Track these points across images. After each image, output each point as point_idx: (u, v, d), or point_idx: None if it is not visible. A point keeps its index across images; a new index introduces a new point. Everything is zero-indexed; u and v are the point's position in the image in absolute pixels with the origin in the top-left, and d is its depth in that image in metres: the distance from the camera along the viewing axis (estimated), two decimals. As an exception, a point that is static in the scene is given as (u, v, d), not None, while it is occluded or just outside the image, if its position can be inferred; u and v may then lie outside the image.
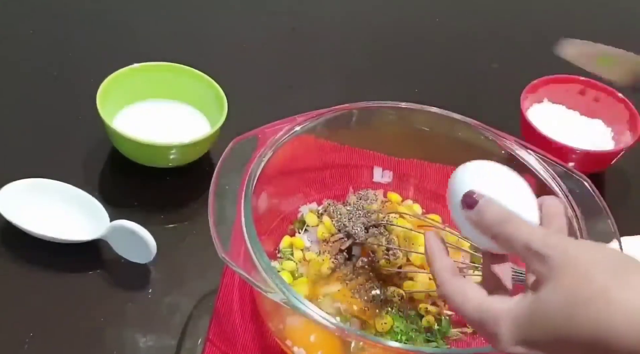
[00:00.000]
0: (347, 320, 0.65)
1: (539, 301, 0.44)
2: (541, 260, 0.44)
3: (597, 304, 0.41)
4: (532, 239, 0.45)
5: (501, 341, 0.45)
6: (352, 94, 0.75)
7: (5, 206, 0.71)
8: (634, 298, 0.41)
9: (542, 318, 0.43)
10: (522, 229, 0.46)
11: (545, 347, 0.44)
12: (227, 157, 0.64)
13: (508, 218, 0.47)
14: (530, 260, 0.45)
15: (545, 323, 0.43)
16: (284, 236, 0.73)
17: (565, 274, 0.43)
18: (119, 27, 1.01)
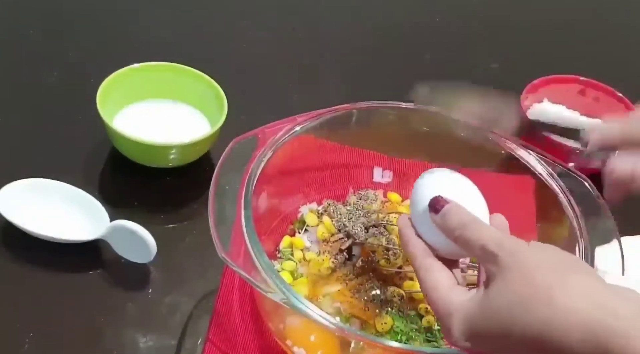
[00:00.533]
0: (347, 320, 0.65)
1: (487, 299, 0.46)
2: (493, 259, 0.46)
3: (539, 303, 0.43)
4: (488, 241, 0.47)
5: (453, 336, 0.47)
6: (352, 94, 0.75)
7: (5, 206, 0.71)
8: (573, 298, 0.42)
9: (488, 314, 0.45)
10: (481, 231, 0.49)
11: (490, 343, 0.46)
12: (227, 157, 0.64)
13: (470, 221, 0.50)
14: (484, 260, 0.47)
15: (491, 320, 0.45)
16: (284, 236, 0.73)
17: (512, 274, 0.45)
18: (119, 27, 1.01)
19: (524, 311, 0.43)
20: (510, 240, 0.48)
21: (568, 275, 0.44)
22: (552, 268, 0.45)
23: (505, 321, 0.44)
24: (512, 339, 0.44)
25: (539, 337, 0.43)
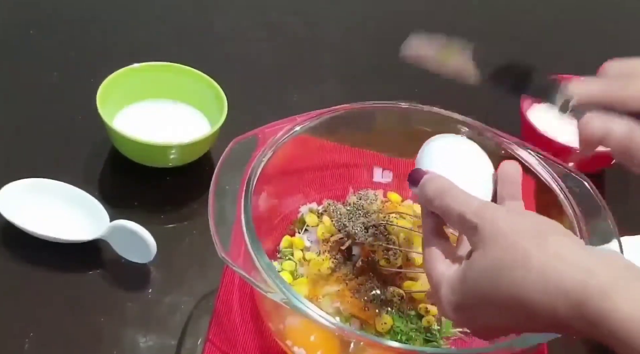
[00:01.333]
0: (347, 320, 0.65)
1: (469, 268, 0.46)
2: (473, 229, 0.46)
3: (517, 266, 0.43)
4: (466, 210, 0.47)
5: (443, 308, 0.48)
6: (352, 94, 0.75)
7: (5, 206, 0.71)
8: (550, 259, 0.43)
9: (470, 284, 0.46)
10: (459, 199, 0.49)
11: (473, 313, 0.46)
12: (227, 157, 0.64)
13: (447, 189, 0.50)
14: (465, 230, 0.48)
15: (473, 288, 0.46)
16: (284, 236, 0.73)
17: (493, 242, 0.45)
18: (119, 27, 1.01)
19: (503, 275, 0.44)
20: (489, 207, 0.48)
21: (546, 237, 0.44)
22: (531, 233, 0.45)
23: (486, 288, 0.45)
24: (493, 306, 0.45)
25: (519, 300, 0.43)
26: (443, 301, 0.48)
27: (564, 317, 0.42)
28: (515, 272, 0.43)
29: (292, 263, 0.70)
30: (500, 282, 0.44)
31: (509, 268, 0.44)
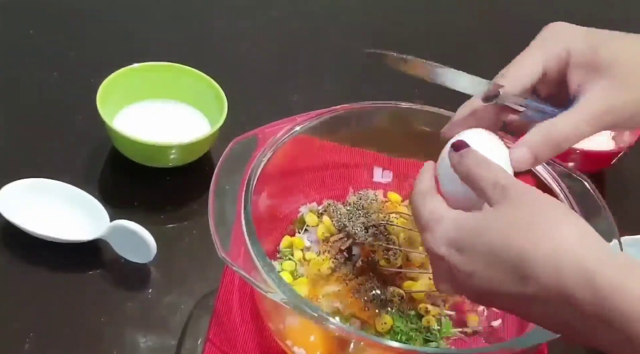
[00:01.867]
0: (347, 320, 0.65)
1: (484, 218, 0.47)
2: (501, 191, 0.48)
3: (540, 233, 0.44)
4: (501, 178, 0.49)
5: (434, 239, 0.48)
6: (352, 94, 0.75)
7: (5, 206, 0.71)
8: (571, 232, 0.44)
9: (481, 229, 0.46)
10: (497, 171, 0.50)
11: (469, 257, 0.46)
12: (227, 157, 0.64)
13: (485, 161, 0.51)
14: (493, 191, 0.48)
15: (484, 236, 0.46)
16: (284, 236, 0.73)
17: (519, 204, 0.46)
18: (119, 27, 1.01)
19: (521, 236, 0.44)
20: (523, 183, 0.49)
21: (572, 213, 0.46)
22: (558, 211, 0.46)
23: (497, 241, 0.45)
24: (493, 255, 0.45)
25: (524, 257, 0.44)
26: (439, 233, 0.48)
27: (568, 283, 0.42)
28: (538, 238, 0.44)
29: (292, 263, 0.70)
30: (516, 241, 0.44)
31: (531, 232, 0.44)
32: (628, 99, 0.53)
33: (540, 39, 0.57)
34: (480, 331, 0.69)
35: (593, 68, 0.54)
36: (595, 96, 0.53)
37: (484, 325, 0.69)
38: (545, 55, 0.55)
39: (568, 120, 0.53)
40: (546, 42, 0.56)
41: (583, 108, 0.53)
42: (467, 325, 0.69)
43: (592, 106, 0.53)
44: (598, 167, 0.87)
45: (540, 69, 0.55)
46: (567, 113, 0.53)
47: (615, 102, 0.53)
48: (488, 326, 0.69)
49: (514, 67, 0.56)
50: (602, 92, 0.53)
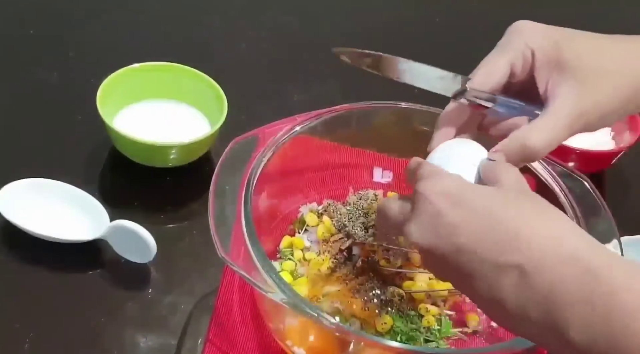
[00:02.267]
0: (347, 320, 0.65)
1: (491, 190, 0.48)
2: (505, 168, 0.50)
3: (541, 210, 0.46)
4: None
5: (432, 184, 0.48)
6: (352, 94, 0.75)
7: (5, 206, 0.71)
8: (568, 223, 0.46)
9: (486, 195, 0.47)
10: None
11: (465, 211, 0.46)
12: (227, 157, 0.64)
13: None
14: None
15: (486, 198, 0.46)
16: (284, 236, 0.73)
17: (525, 192, 0.49)
18: (119, 27, 1.01)
19: (525, 215, 0.45)
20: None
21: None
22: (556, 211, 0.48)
23: (499, 210, 0.45)
24: (491, 224, 0.45)
25: (524, 237, 0.44)
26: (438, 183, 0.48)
27: (568, 250, 0.43)
28: (539, 211, 0.46)
29: (292, 263, 0.70)
30: (516, 213, 0.45)
31: (532, 209, 0.46)
32: (596, 100, 0.54)
33: (506, 39, 0.57)
34: (480, 331, 0.69)
35: (558, 68, 0.54)
36: (566, 101, 0.54)
37: (484, 325, 0.69)
38: (511, 55, 0.56)
39: (543, 129, 0.53)
40: (511, 41, 0.56)
41: (556, 115, 0.53)
42: (467, 325, 0.69)
43: (565, 111, 0.53)
44: (598, 167, 0.87)
45: (508, 69, 0.56)
46: (541, 121, 0.54)
47: (586, 105, 0.54)
48: (488, 326, 0.69)
49: (481, 69, 0.57)
50: (572, 95, 0.54)
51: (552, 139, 0.53)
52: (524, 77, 0.57)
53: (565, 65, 0.54)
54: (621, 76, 0.55)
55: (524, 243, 0.44)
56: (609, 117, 0.55)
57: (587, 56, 0.54)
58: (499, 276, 0.44)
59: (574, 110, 0.53)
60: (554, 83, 0.54)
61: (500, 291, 0.44)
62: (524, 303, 0.43)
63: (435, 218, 0.47)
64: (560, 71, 0.54)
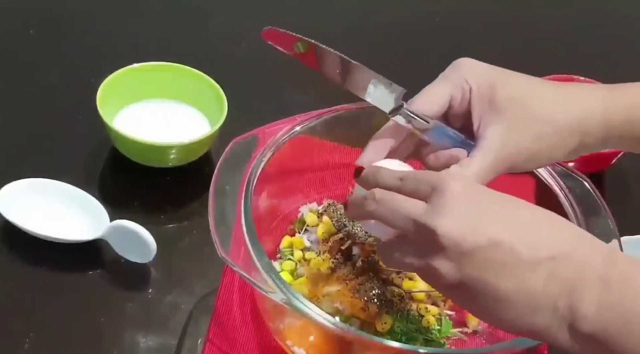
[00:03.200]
0: (347, 320, 0.65)
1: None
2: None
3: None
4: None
5: (448, 177, 0.48)
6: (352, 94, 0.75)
7: (5, 206, 0.71)
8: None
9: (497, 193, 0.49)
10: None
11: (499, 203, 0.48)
12: (227, 157, 0.64)
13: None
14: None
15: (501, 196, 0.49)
16: (284, 236, 0.73)
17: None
18: (119, 27, 1.01)
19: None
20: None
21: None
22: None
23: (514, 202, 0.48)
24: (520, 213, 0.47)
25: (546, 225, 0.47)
26: (463, 182, 0.48)
27: (589, 240, 0.47)
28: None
29: (292, 263, 0.70)
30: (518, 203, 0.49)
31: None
32: (521, 145, 0.56)
33: (448, 71, 0.59)
34: (480, 331, 0.69)
35: (490, 108, 0.56)
36: (492, 144, 0.56)
37: (484, 325, 0.69)
38: (450, 86, 0.58)
39: (471, 170, 0.55)
40: (453, 74, 0.58)
41: (483, 157, 0.56)
42: (467, 325, 0.69)
43: (490, 155, 0.56)
44: (598, 167, 0.87)
45: (447, 99, 0.57)
46: (470, 161, 0.56)
47: (510, 149, 0.56)
48: (488, 326, 0.69)
49: (422, 96, 0.58)
50: (498, 139, 0.56)
51: (478, 179, 0.55)
52: (461, 111, 0.58)
53: (497, 106, 0.56)
54: (547, 123, 0.56)
55: (552, 237, 0.46)
56: (535, 160, 0.58)
57: (518, 100, 0.56)
58: (533, 269, 0.45)
59: (498, 154, 0.56)
60: (484, 123, 0.57)
61: (530, 283, 0.45)
62: (551, 292, 0.45)
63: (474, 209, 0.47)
64: (491, 112, 0.56)
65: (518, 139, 0.56)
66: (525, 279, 0.45)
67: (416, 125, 0.57)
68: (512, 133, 0.56)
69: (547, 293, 0.45)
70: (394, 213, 0.49)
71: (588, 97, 0.58)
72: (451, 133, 0.58)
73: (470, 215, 0.46)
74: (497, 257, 0.45)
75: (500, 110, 0.56)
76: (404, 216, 0.48)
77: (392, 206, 0.49)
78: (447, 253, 0.46)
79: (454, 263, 0.46)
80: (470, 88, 0.57)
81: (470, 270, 0.46)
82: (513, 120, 0.56)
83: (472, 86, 0.57)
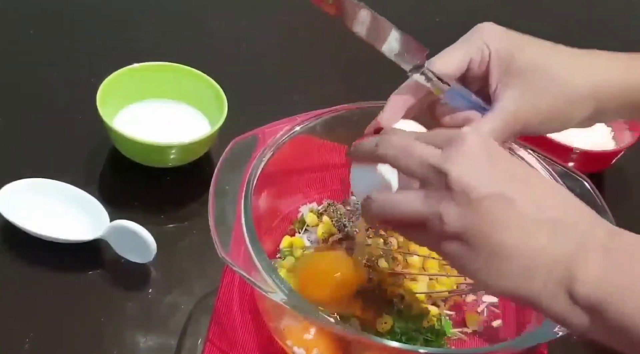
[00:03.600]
0: (347, 320, 0.65)
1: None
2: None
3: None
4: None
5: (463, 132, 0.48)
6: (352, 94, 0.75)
7: (5, 206, 0.71)
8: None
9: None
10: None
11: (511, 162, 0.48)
12: (227, 157, 0.64)
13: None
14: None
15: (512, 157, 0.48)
16: (284, 236, 0.73)
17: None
18: (119, 27, 1.01)
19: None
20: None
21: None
22: None
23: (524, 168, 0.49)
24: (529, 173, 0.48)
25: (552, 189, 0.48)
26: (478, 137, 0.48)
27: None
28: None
29: (291, 258, 0.70)
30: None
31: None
32: (536, 107, 0.57)
33: (468, 35, 0.60)
34: (480, 331, 0.69)
35: (509, 70, 0.57)
36: (507, 105, 0.57)
37: (484, 325, 0.69)
38: (470, 49, 0.59)
39: (485, 127, 0.56)
40: (472, 38, 0.59)
41: (497, 116, 0.57)
42: (467, 325, 0.69)
43: (504, 114, 0.56)
44: (598, 167, 0.87)
45: (466, 61, 0.58)
46: (484, 119, 0.57)
47: (525, 111, 0.57)
48: (488, 326, 0.69)
49: (441, 56, 0.59)
50: (514, 100, 0.57)
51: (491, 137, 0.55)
52: (479, 74, 0.59)
53: (515, 69, 0.57)
54: (564, 88, 0.57)
55: (559, 203, 0.46)
56: (549, 124, 0.58)
57: (537, 64, 0.57)
58: (537, 228, 0.45)
59: (512, 114, 0.57)
60: (501, 85, 0.57)
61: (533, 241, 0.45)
62: (552, 254, 0.44)
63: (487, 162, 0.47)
64: (508, 75, 0.57)
65: (533, 102, 0.57)
66: (528, 235, 0.45)
67: (435, 85, 0.58)
68: (527, 95, 0.57)
69: (548, 255, 0.44)
70: (408, 156, 0.49)
71: (607, 65, 0.59)
72: (468, 96, 0.59)
73: (483, 166, 0.46)
74: (503, 211, 0.45)
75: (517, 73, 0.57)
76: (418, 158, 0.48)
77: (408, 149, 0.49)
78: (456, 197, 0.45)
79: (460, 209, 0.45)
80: (490, 53, 0.58)
81: (475, 219, 0.45)
82: (530, 83, 0.57)
83: (492, 50, 0.58)
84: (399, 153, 0.49)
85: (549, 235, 0.45)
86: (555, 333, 0.55)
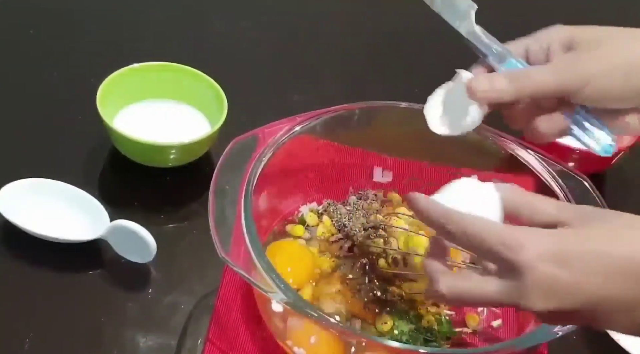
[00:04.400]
0: (347, 320, 0.65)
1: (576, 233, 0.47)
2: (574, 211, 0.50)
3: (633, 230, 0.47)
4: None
5: (528, 251, 0.46)
6: (352, 94, 0.75)
7: (5, 206, 0.71)
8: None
9: (582, 239, 0.46)
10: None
11: (576, 265, 0.45)
12: (227, 157, 0.64)
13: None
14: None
15: (584, 243, 0.46)
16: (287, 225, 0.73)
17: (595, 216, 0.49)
18: (119, 27, 1.01)
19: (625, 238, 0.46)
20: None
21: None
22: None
23: (603, 242, 0.46)
24: (607, 258, 0.45)
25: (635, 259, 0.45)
26: (536, 246, 0.46)
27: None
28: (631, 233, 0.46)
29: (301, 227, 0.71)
30: (618, 239, 0.46)
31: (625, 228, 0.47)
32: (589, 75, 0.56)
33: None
34: (480, 331, 0.69)
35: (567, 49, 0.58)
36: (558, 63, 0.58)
37: (484, 325, 0.69)
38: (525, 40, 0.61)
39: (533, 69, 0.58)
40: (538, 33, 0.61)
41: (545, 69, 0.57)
42: (467, 325, 0.69)
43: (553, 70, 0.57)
44: (598, 167, 0.86)
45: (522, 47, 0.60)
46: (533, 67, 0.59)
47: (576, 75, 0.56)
48: (488, 326, 0.69)
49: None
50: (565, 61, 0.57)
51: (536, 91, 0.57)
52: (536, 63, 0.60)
53: (572, 46, 0.58)
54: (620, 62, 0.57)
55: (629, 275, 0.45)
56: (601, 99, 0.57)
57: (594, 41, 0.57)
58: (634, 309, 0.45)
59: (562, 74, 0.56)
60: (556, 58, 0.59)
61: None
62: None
63: (554, 283, 0.46)
64: (565, 51, 0.58)
65: (586, 69, 0.56)
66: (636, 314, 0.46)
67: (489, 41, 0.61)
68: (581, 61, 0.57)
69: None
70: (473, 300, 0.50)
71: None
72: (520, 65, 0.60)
73: (558, 290, 0.46)
74: (598, 309, 0.46)
75: (574, 47, 0.58)
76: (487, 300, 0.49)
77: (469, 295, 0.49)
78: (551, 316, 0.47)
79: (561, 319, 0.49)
80: (550, 39, 0.59)
81: (580, 319, 0.48)
82: (585, 54, 0.57)
83: (551, 35, 0.59)
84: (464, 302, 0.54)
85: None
86: (555, 333, 0.55)
